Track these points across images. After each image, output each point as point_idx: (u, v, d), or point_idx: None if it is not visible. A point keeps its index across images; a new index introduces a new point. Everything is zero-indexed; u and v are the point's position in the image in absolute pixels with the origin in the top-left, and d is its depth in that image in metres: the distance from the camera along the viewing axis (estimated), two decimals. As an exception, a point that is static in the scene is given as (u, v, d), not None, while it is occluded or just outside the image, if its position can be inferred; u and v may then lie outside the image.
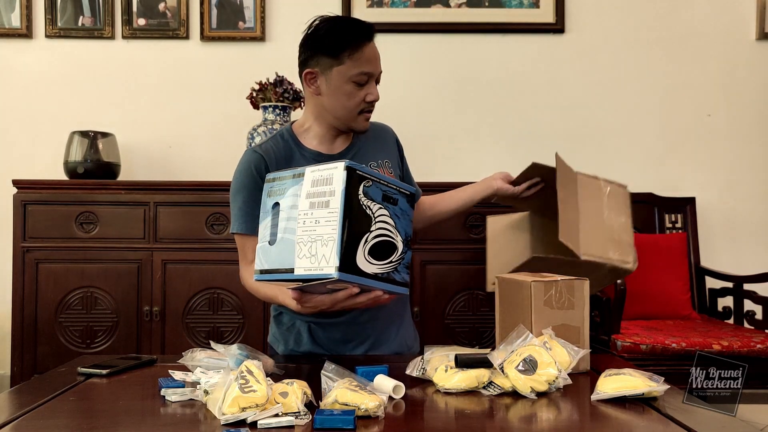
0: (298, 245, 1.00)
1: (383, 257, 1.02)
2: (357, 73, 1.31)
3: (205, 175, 2.55)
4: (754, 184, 2.71)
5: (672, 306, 2.36)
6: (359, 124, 1.38)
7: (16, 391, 1.12)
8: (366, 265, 0.99)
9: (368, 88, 1.34)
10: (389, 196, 1.04)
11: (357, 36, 1.31)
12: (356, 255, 0.98)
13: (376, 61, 1.34)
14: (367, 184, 1.00)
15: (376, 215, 1.02)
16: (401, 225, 1.06)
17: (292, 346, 1.42)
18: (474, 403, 0.97)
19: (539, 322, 1.13)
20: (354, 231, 0.98)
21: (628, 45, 2.71)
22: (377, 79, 1.37)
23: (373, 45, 1.34)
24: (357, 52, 1.31)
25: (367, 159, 1.42)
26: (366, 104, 1.35)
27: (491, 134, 2.71)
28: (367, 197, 1.00)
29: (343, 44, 1.30)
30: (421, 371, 1.09)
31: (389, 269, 1.04)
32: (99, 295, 2.21)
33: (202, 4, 2.66)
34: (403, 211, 1.07)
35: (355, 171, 0.99)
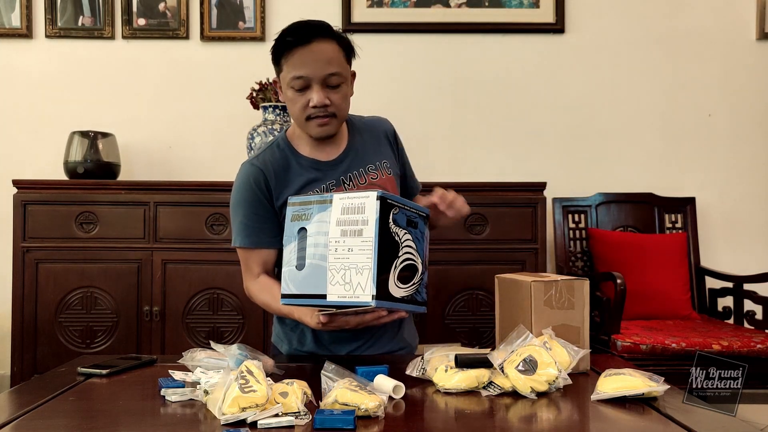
0: (330, 272, 1.02)
1: (408, 280, 1.07)
2: (291, 78, 1.27)
3: (205, 175, 2.54)
4: (754, 184, 2.71)
5: (672, 306, 2.36)
6: (311, 130, 1.33)
7: (16, 391, 1.13)
8: (396, 290, 1.04)
9: (309, 94, 1.28)
10: (412, 220, 1.08)
11: (292, 40, 1.27)
12: (389, 282, 1.02)
13: (312, 64, 1.26)
14: (395, 211, 1.04)
15: (402, 240, 1.06)
16: (421, 247, 1.10)
17: (296, 345, 1.42)
18: (474, 403, 0.97)
19: (539, 322, 1.13)
20: (386, 259, 1.02)
21: (628, 45, 2.71)
22: (327, 82, 1.27)
23: (311, 47, 1.26)
24: (290, 56, 1.27)
25: (365, 162, 1.40)
26: (312, 110, 1.29)
27: (491, 134, 2.71)
28: (396, 224, 1.04)
29: (279, 50, 1.29)
30: (421, 371, 1.09)
31: (413, 291, 1.08)
32: (99, 295, 2.21)
33: (202, 4, 2.66)
34: (422, 234, 1.11)
35: (387, 200, 1.03)
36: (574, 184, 2.66)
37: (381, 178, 1.40)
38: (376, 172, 1.40)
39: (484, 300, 2.24)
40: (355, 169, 1.38)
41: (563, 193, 2.59)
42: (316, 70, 1.26)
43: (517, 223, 2.24)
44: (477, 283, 2.23)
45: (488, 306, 2.23)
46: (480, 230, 2.24)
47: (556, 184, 2.53)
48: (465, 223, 2.23)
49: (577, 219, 2.58)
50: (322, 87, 1.28)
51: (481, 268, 2.21)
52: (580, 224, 2.58)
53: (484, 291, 2.23)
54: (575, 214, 2.58)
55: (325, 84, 1.28)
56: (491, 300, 2.20)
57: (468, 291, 2.24)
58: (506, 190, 2.28)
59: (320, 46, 1.27)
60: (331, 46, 1.28)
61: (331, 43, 1.29)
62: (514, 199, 2.26)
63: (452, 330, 2.24)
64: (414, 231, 1.08)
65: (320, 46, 1.27)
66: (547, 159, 2.71)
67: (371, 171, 1.39)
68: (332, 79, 1.28)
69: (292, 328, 1.44)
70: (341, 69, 1.29)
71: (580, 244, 2.56)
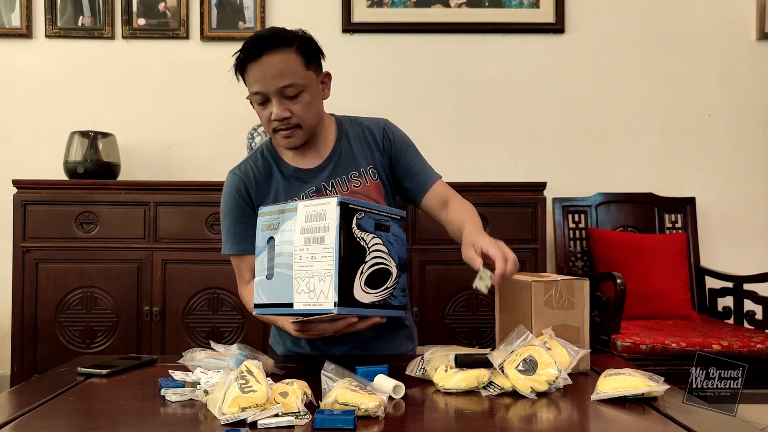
0: (295, 280, 1.03)
1: (379, 285, 1.07)
2: (251, 94, 1.29)
3: (205, 175, 2.54)
4: (754, 184, 2.71)
5: (672, 306, 2.36)
6: (279, 142, 1.33)
7: (16, 391, 1.12)
8: (363, 296, 1.03)
9: (270, 107, 1.27)
10: (381, 224, 1.08)
11: (244, 57, 1.26)
12: (353, 287, 1.02)
13: (264, 78, 1.25)
14: (359, 216, 1.04)
15: (370, 245, 1.05)
16: (394, 250, 1.10)
17: (290, 347, 1.44)
18: (474, 403, 0.97)
19: (539, 322, 1.13)
20: (350, 264, 1.01)
21: (628, 45, 2.71)
22: (284, 94, 1.26)
23: (261, 62, 1.24)
24: (246, 72, 1.28)
25: (349, 169, 1.37)
26: (275, 122, 1.28)
27: (491, 134, 2.71)
28: (361, 229, 1.04)
29: (237, 67, 1.30)
30: (421, 371, 1.09)
31: (385, 296, 1.08)
32: (99, 295, 2.21)
33: (202, 4, 2.66)
34: (396, 236, 1.11)
35: (348, 205, 1.02)
36: (574, 184, 2.66)
37: (365, 185, 1.37)
38: (359, 179, 1.37)
39: (484, 300, 2.24)
40: (338, 176, 1.37)
41: (563, 193, 2.59)
42: (267, 84, 1.25)
43: (517, 223, 2.24)
44: (477, 283, 2.23)
45: (488, 306, 2.23)
46: (480, 230, 2.24)
47: (556, 184, 2.53)
48: (465, 223, 2.23)
49: (577, 219, 2.58)
50: (280, 100, 1.26)
51: (481, 268, 2.21)
52: (580, 224, 2.58)
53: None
54: (575, 214, 2.58)
55: (283, 96, 1.26)
56: (491, 300, 2.19)
57: (468, 291, 2.24)
58: (506, 190, 2.28)
59: (271, 60, 1.24)
60: (282, 56, 1.25)
61: (284, 54, 1.25)
62: (514, 199, 2.26)
63: (452, 330, 2.24)
64: (385, 234, 1.08)
65: (271, 59, 1.24)
66: (547, 159, 2.71)
67: (354, 178, 1.37)
68: (288, 91, 1.26)
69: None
70: (296, 78, 1.26)
71: (580, 244, 2.56)
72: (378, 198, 1.39)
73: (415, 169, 1.42)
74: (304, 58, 1.28)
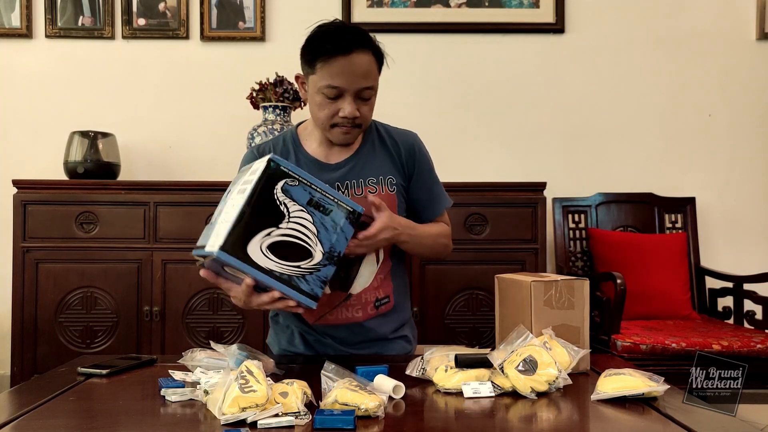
0: (216, 225, 1.05)
1: (289, 258, 1.03)
2: (324, 86, 1.25)
3: (205, 175, 2.55)
4: (754, 184, 2.71)
5: (672, 306, 2.36)
6: (334, 137, 1.33)
7: (16, 391, 1.12)
8: (261, 258, 1.00)
9: (340, 103, 1.26)
10: (320, 204, 1.05)
11: (331, 47, 1.23)
12: (249, 243, 0.99)
13: (350, 76, 1.24)
14: (291, 182, 1.02)
15: (291, 214, 1.03)
16: (326, 236, 1.06)
17: (285, 345, 1.44)
18: (474, 403, 0.97)
19: (539, 322, 1.13)
20: (255, 220, 1.00)
21: (628, 45, 2.71)
22: (360, 94, 1.27)
23: (351, 59, 1.23)
24: (328, 64, 1.24)
25: (367, 174, 1.37)
26: (340, 119, 1.28)
27: (491, 134, 2.71)
28: (287, 195, 1.02)
29: (316, 53, 1.25)
30: (421, 371, 1.09)
31: (293, 273, 1.03)
32: (99, 295, 2.21)
33: (202, 4, 2.66)
34: (335, 224, 1.07)
35: (279, 166, 1.01)
36: (574, 184, 2.66)
37: (380, 193, 1.36)
38: (375, 187, 1.36)
39: (484, 300, 2.24)
40: (354, 178, 1.36)
41: (563, 193, 2.59)
42: (352, 82, 1.25)
43: (517, 223, 2.24)
44: (477, 283, 2.23)
45: (488, 306, 2.23)
46: (480, 230, 2.24)
47: (556, 184, 2.53)
48: (465, 223, 2.23)
49: (577, 219, 2.58)
50: (354, 99, 1.27)
51: (481, 268, 2.21)
52: (580, 224, 2.58)
53: (484, 291, 2.23)
54: (575, 214, 2.58)
55: (358, 96, 1.27)
56: (491, 300, 2.20)
57: (468, 291, 2.24)
58: (506, 190, 2.28)
59: (359, 58, 1.24)
60: (368, 57, 1.26)
61: (368, 55, 1.26)
62: (514, 199, 2.26)
63: (452, 330, 2.24)
64: (320, 215, 1.05)
65: (359, 57, 1.24)
66: (547, 159, 2.71)
67: (371, 184, 1.36)
68: (365, 92, 1.27)
69: (283, 329, 1.45)
70: (374, 82, 1.29)
71: (580, 244, 2.56)
72: (391, 209, 1.36)
73: (428, 197, 1.44)
74: (378, 63, 1.30)
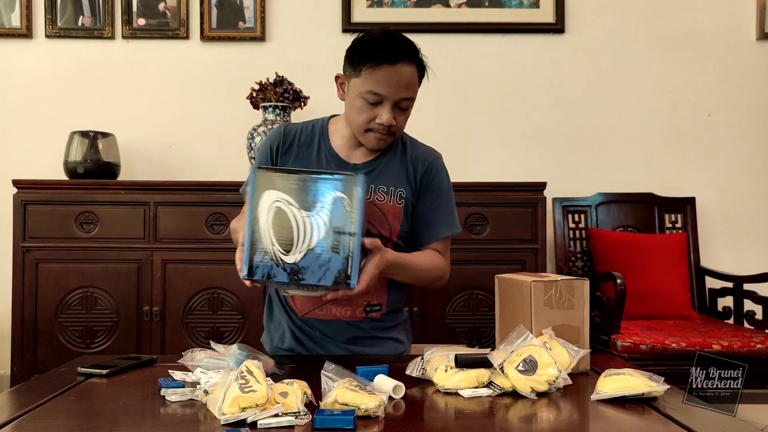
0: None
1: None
2: (366, 91, 1.28)
3: (205, 175, 2.55)
4: (754, 184, 2.71)
5: (672, 306, 2.36)
6: (368, 141, 1.35)
7: (16, 391, 1.13)
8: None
9: (379, 110, 1.29)
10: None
11: (381, 55, 1.26)
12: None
13: (394, 85, 1.27)
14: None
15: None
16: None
17: (277, 342, 1.45)
18: (474, 403, 0.97)
19: (539, 322, 1.13)
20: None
21: (628, 45, 2.71)
22: (399, 104, 1.30)
23: (397, 68, 1.26)
24: (374, 70, 1.26)
25: (380, 182, 1.38)
26: (376, 125, 1.31)
27: (491, 134, 2.71)
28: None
29: (363, 58, 1.28)
30: (421, 371, 1.09)
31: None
32: (99, 295, 2.21)
33: (202, 4, 2.66)
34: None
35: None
36: (574, 184, 2.66)
37: (387, 204, 1.37)
38: (385, 196, 1.37)
39: (484, 300, 2.24)
40: (368, 182, 1.37)
41: (563, 193, 2.59)
42: (394, 91, 1.28)
43: (517, 223, 2.24)
44: (477, 283, 2.23)
45: (488, 306, 2.23)
46: (480, 230, 2.24)
47: (556, 184, 2.53)
48: (465, 223, 2.23)
49: (577, 219, 2.58)
50: (393, 108, 1.30)
51: (481, 268, 2.21)
52: (580, 224, 2.58)
53: (484, 291, 2.23)
54: (575, 214, 2.58)
55: (396, 105, 1.30)
56: (491, 300, 2.20)
57: (468, 291, 2.24)
58: (506, 190, 2.28)
59: (405, 69, 1.28)
60: (412, 69, 1.29)
61: (413, 67, 1.30)
62: (514, 199, 2.26)
63: (452, 330, 2.24)
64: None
65: (405, 68, 1.28)
66: (547, 159, 2.71)
67: (381, 192, 1.37)
68: (404, 103, 1.30)
69: (275, 326, 1.47)
70: (414, 93, 1.32)
71: (580, 244, 2.56)
72: (393, 222, 1.38)
73: (429, 219, 1.44)
74: (420, 75, 1.33)
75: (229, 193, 2.19)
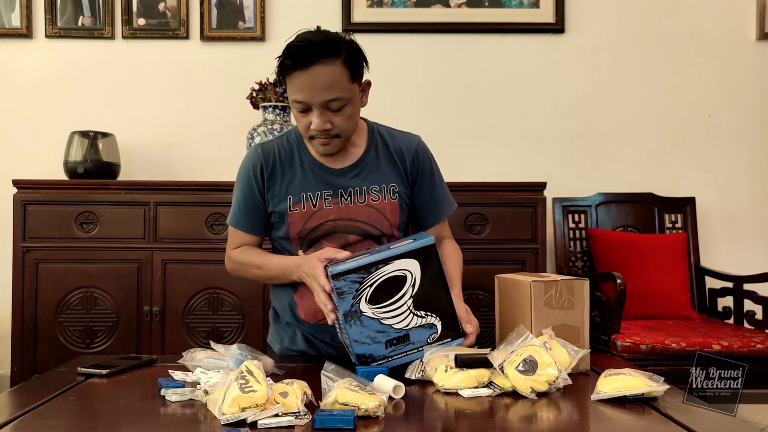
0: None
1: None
2: (293, 100, 1.25)
3: (205, 175, 2.55)
4: (754, 184, 2.71)
5: (672, 306, 2.36)
6: (315, 148, 1.33)
7: (16, 391, 1.13)
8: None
9: (310, 116, 1.25)
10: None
11: (291, 62, 1.21)
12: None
13: (310, 89, 1.21)
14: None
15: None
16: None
17: (288, 344, 1.44)
18: (474, 403, 0.97)
19: (539, 322, 1.13)
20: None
21: (628, 45, 2.71)
22: (328, 106, 1.23)
23: (310, 72, 1.20)
24: (291, 78, 1.23)
25: (371, 181, 1.36)
26: (313, 131, 1.26)
27: (491, 134, 2.71)
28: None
29: (282, 68, 1.24)
30: (421, 373, 1.09)
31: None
32: (99, 295, 2.21)
33: (202, 4, 2.66)
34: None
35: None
36: (574, 184, 2.66)
37: (382, 201, 1.36)
38: (378, 195, 1.36)
39: (484, 300, 2.24)
40: (359, 185, 1.36)
41: (563, 193, 2.59)
42: (314, 96, 1.22)
43: (517, 223, 2.24)
44: (477, 283, 2.23)
45: (488, 306, 2.23)
46: (480, 230, 2.24)
47: (556, 184, 2.53)
48: (465, 223, 2.23)
49: (577, 219, 2.58)
50: (323, 111, 1.24)
51: (481, 268, 2.21)
52: (580, 224, 2.58)
53: (484, 291, 2.23)
54: (575, 214, 2.58)
55: (326, 108, 1.24)
56: (491, 300, 2.19)
57: (468, 291, 2.24)
58: (506, 190, 2.28)
59: (320, 70, 1.20)
60: (332, 68, 1.21)
61: (333, 65, 1.21)
62: (514, 199, 2.25)
63: (452, 330, 2.24)
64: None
65: (320, 70, 1.20)
66: (547, 159, 2.71)
67: (374, 192, 1.36)
68: (332, 104, 1.23)
69: (284, 327, 1.46)
70: (343, 92, 1.23)
71: (580, 244, 2.56)
72: (392, 217, 1.38)
73: (431, 202, 1.43)
74: (351, 71, 1.24)
75: (229, 193, 2.17)
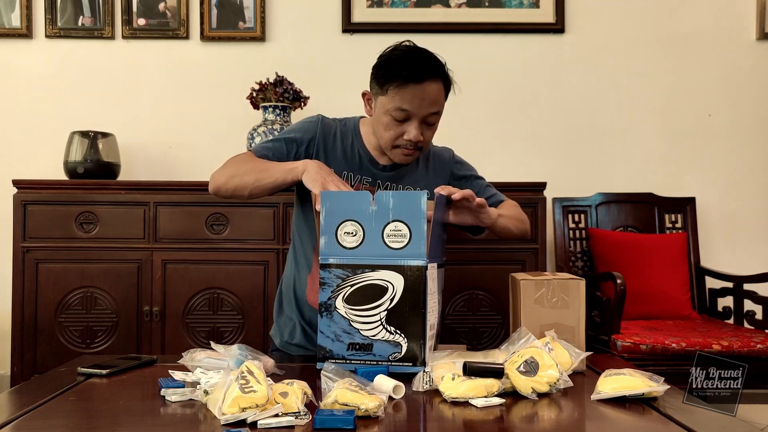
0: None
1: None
2: (394, 108, 1.31)
3: (206, 175, 2.50)
4: (754, 184, 2.71)
5: (672, 306, 2.36)
6: (395, 156, 1.39)
7: (16, 391, 1.12)
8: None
9: (407, 126, 1.33)
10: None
11: (407, 74, 1.28)
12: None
13: (421, 101, 1.30)
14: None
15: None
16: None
17: (287, 338, 1.48)
18: (474, 403, 0.97)
19: (528, 319, 1.14)
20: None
21: (628, 45, 2.71)
22: (426, 120, 1.33)
23: (423, 87, 1.29)
24: (401, 88, 1.30)
25: (408, 183, 1.45)
26: (404, 141, 1.34)
27: (491, 134, 2.71)
28: None
29: (390, 77, 1.31)
30: (428, 383, 1.05)
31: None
32: (99, 295, 2.21)
33: (202, 4, 2.66)
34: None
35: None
36: (574, 184, 2.66)
37: None
38: None
39: (484, 300, 2.23)
40: (395, 183, 1.44)
41: (563, 193, 2.59)
42: (421, 108, 1.31)
43: (517, 223, 2.23)
44: (477, 283, 2.22)
45: (488, 306, 2.23)
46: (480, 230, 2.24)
47: (556, 184, 2.53)
48: (465, 223, 2.23)
49: (577, 219, 2.58)
50: (421, 124, 1.33)
51: (481, 268, 2.21)
52: (580, 224, 2.58)
53: (484, 291, 2.23)
54: (575, 214, 2.58)
55: (423, 121, 1.33)
56: (491, 300, 2.19)
57: (468, 291, 2.24)
58: (506, 190, 2.25)
59: (431, 87, 1.31)
60: (438, 86, 1.32)
61: (439, 83, 1.32)
62: (514, 199, 2.25)
63: (452, 330, 2.24)
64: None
65: (431, 86, 1.31)
66: (547, 159, 2.71)
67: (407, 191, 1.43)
68: (431, 118, 1.34)
69: (286, 322, 1.49)
70: (441, 108, 1.35)
71: (580, 244, 2.56)
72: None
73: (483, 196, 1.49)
74: (446, 90, 1.37)
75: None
